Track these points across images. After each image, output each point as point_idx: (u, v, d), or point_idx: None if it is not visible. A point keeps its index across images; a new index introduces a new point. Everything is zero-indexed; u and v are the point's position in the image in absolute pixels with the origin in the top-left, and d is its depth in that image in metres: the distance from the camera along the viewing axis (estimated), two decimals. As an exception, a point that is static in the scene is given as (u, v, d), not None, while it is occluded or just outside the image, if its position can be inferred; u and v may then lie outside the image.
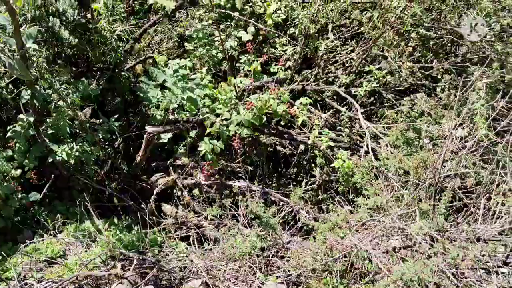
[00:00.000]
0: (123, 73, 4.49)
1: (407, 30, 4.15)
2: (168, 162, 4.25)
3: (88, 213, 3.65)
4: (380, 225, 2.83)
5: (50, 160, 3.67)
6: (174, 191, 4.10)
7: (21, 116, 3.54)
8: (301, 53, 4.69)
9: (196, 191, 4.08)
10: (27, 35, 2.95)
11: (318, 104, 4.50)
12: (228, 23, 5.01)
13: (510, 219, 2.64)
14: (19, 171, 3.64)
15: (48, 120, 3.72)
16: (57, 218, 3.65)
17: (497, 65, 4.23)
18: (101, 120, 4.04)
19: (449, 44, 4.51)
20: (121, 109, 4.59)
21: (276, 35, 4.86)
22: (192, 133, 4.20)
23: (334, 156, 3.90)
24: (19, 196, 3.61)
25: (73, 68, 4.20)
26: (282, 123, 3.96)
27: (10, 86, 3.68)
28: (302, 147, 4.19)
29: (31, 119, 3.44)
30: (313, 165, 4.22)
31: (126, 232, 3.63)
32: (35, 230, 3.63)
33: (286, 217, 3.65)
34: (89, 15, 4.12)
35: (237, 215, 3.63)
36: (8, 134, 3.54)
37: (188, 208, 3.94)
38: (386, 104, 4.49)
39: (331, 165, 3.84)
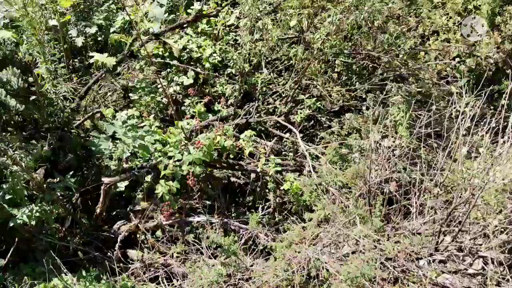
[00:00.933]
0: (72, 130, 4.69)
1: (330, 59, 4.67)
2: (128, 209, 4.44)
3: (55, 270, 3.75)
4: (328, 235, 3.19)
5: (11, 224, 3.77)
6: (138, 235, 4.26)
7: (-23, 186, 3.65)
8: (240, 90, 5.09)
9: (158, 232, 4.26)
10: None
11: (262, 134, 4.90)
12: (169, 70, 5.38)
13: (432, 211, 3.08)
14: (-20, 240, 3.72)
15: (4, 186, 3.85)
16: (24, 280, 3.72)
17: (412, 79, 4.86)
18: (57, 178, 4.18)
19: (370, 66, 5.11)
20: (74, 165, 4.71)
21: (215, 76, 5.26)
22: (148, 178, 4.38)
23: (283, 179, 4.28)
24: (-17, 264, 3.66)
25: (23, 132, 4.36)
26: (232, 156, 4.30)
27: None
28: (253, 175, 4.53)
29: (-11, 187, 3.57)
30: (266, 190, 4.57)
31: (96, 283, 3.75)
32: (3, 297, 3.68)
33: (247, 243, 3.92)
34: (31, 80, 4.34)
35: (200, 248, 3.87)
36: (-34, 205, 3.63)
37: (153, 249, 4.13)
38: (324, 125, 4.99)
39: (282, 188, 4.20)
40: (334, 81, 4.82)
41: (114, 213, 4.51)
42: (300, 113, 4.50)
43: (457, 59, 5.03)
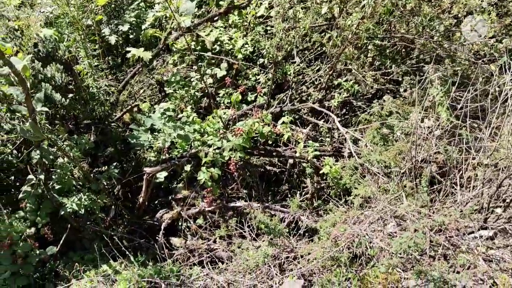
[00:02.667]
0: (112, 124, 4.89)
1: (364, 43, 4.73)
2: (170, 197, 4.59)
3: (102, 257, 3.93)
4: (373, 213, 3.26)
5: (62, 213, 3.98)
6: (180, 223, 4.44)
7: (30, 176, 3.86)
8: (273, 79, 5.21)
9: (199, 221, 4.44)
10: (36, 100, 3.34)
11: (297, 121, 4.98)
12: (200, 63, 5.53)
13: (481, 183, 3.11)
14: (33, 229, 3.92)
15: (54, 176, 4.06)
16: (75, 266, 3.90)
17: (448, 61, 4.87)
18: (102, 168, 4.37)
19: (403, 50, 5.15)
20: (115, 158, 4.92)
21: (248, 66, 5.37)
22: (188, 167, 4.52)
23: (321, 164, 4.35)
24: (37, 252, 3.86)
25: (68, 126, 4.58)
26: (270, 142, 4.40)
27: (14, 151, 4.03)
28: (291, 161, 4.62)
29: (42, 177, 3.77)
30: (302, 177, 4.66)
31: (143, 268, 3.91)
32: (56, 283, 3.88)
33: (289, 226, 4.02)
34: (73, 77, 4.55)
35: (243, 232, 3.98)
36: (20, 195, 3.84)
37: (196, 236, 4.27)
38: (357, 112, 5.04)
39: (321, 172, 4.25)
40: (368, 66, 4.87)
41: (156, 202, 4.67)
42: (338, 97, 4.55)
43: (493, 40, 5.02)
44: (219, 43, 5.55)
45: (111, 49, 6.11)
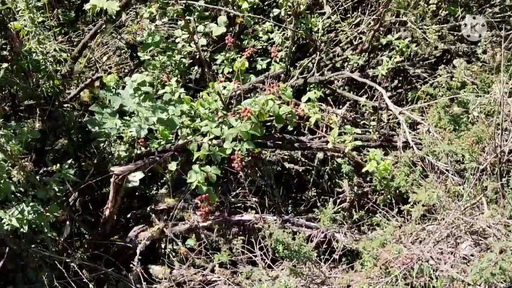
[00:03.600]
0: (65, 105, 4.86)
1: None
2: (148, 209, 4.55)
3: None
4: (440, 227, 3.23)
5: (-4, 233, 3.96)
6: (163, 245, 4.40)
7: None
8: (293, 39, 5.14)
9: (190, 241, 4.40)
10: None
11: (329, 99, 4.93)
12: (190, 17, 5.41)
13: None
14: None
15: (-17, 180, 4.04)
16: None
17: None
18: (51, 168, 4.32)
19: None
20: (69, 153, 4.84)
21: (257, 20, 5.29)
22: (172, 166, 4.48)
23: (364, 160, 4.28)
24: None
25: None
26: (290, 128, 4.35)
27: None
28: (320, 155, 4.59)
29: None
30: (337, 178, 4.63)
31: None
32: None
33: (319, 247, 3.97)
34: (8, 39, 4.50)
35: (253, 257, 3.92)
36: None
37: (187, 263, 4.25)
38: (415, 83, 4.99)
39: (363, 171, 4.12)
40: (430, 17, 4.82)
41: (129, 215, 4.64)
42: (388, 61, 4.51)
43: None
44: (214, -13, 5.51)
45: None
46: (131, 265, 4.30)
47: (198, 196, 4.18)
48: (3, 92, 4.89)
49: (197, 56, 5.19)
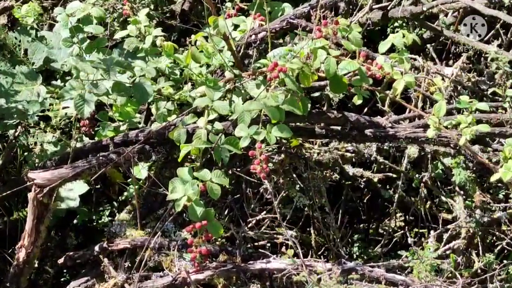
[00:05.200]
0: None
1: None
2: (97, 248, 3.49)
3: None
4: None
5: None
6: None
7: None
8: None
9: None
10: None
11: (429, 48, 4.03)
12: None
13: None
14: None
15: None
16: None
17: None
18: None
19: None
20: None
21: None
22: (141, 169, 3.50)
23: (495, 161, 3.30)
24: None
25: None
26: (356, 102, 3.22)
27: None
28: (412, 151, 3.62)
29: None
30: (442, 195, 3.81)
31: None
32: None
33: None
34: None
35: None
36: None
37: None
38: None
39: (491, 181, 3.20)
40: None
41: (62, 260, 3.57)
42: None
43: None
44: None
45: None
46: None
47: (187, 226, 3.14)
48: None
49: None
